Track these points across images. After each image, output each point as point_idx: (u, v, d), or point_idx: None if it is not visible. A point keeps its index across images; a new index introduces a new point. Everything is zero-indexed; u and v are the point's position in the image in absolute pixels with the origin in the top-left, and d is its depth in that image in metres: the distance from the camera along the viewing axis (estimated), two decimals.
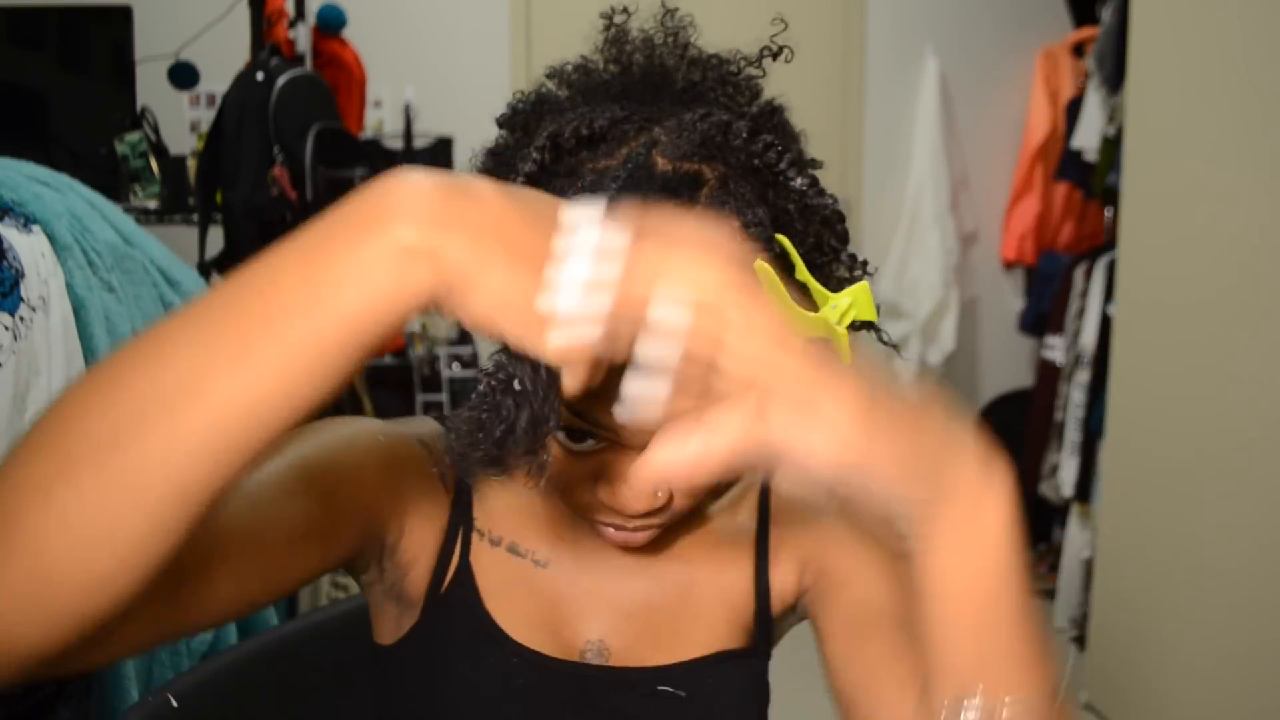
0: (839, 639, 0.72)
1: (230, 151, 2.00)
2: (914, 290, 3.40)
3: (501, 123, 0.66)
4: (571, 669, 0.71)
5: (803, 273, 0.58)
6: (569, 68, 0.67)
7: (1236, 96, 2.09)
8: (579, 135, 0.59)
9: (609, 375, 0.46)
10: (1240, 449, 2.07)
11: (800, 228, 0.60)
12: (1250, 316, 2.05)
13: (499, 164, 0.64)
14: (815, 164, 0.65)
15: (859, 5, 3.43)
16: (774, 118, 0.66)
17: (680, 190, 0.56)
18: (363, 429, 0.68)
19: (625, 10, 0.67)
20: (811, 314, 0.57)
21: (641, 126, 0.60)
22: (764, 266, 0.53)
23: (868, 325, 0.60)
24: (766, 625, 0.74)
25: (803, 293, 0.58)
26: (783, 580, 0.74)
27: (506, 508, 0.74)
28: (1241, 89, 2.07)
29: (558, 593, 0.73)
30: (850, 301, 0.57)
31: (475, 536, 0.72)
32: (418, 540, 0.70)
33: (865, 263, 0.63)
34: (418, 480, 0.70)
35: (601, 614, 0.73)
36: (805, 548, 0.75)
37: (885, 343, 0.63)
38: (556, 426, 0.48)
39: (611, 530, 0.66)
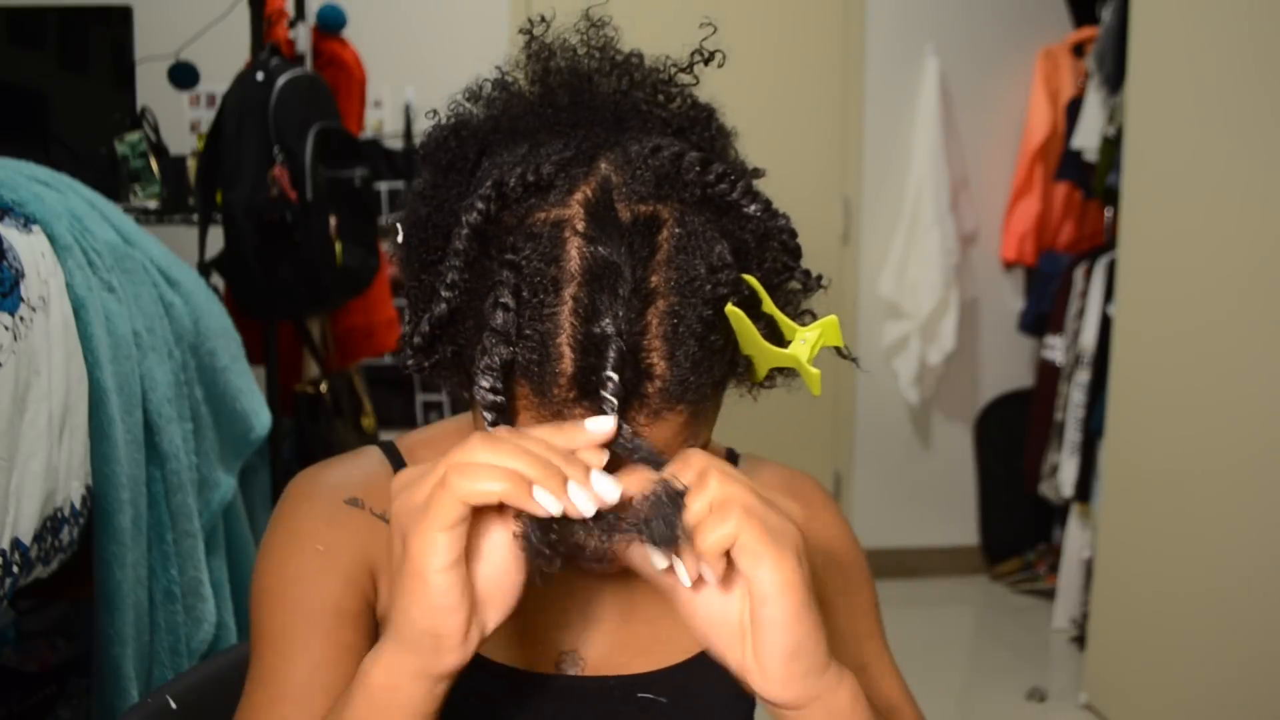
0: None
1: (230, 151, 2.00)
2: (914, 290, 3.40)
3: (423, 157, 0.64)
4: (549, 682, 0.70)
5: (769, 306, 0.58)
6: (487, 86, 0.65)
7: (1236, 96, 2.09)
8: (525, 182, 0.57)
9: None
10: (1240, 449, 2.07)
11: (758, 253, 0.60)
12: (1250, 316, 2.05)
13: (435, 210, 0.62)
14: (758, 173, 0.65)
15: (859, 5, 3.42)
16: (709, 123, 0.64)
17: (641, 238, 0.55)
18: (301, 552, 0.69)
19: (544, 20, 0.66)
20: (780, 350, 0.58)
21: (589, 166, 0.58)
22: (734, 311, 0.55)
23: (837, 350, 0.62)
24: None
25: (770, 326, 0.59)
26: None
27: None
28: (1242, 89, 2.07)
29: (529, 603, 0.72)
30: (819, 334, 0.58)
31: None
32: (389, 581, 0.70)
33: (819, 277, 0.63)
34: (367, 539, 0.70)
35: (574, 624, 0.73)
36: None
37: (845, 356, 0.63)
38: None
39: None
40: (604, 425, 0.54)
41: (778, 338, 0.59)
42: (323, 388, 2.34)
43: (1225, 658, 2.11)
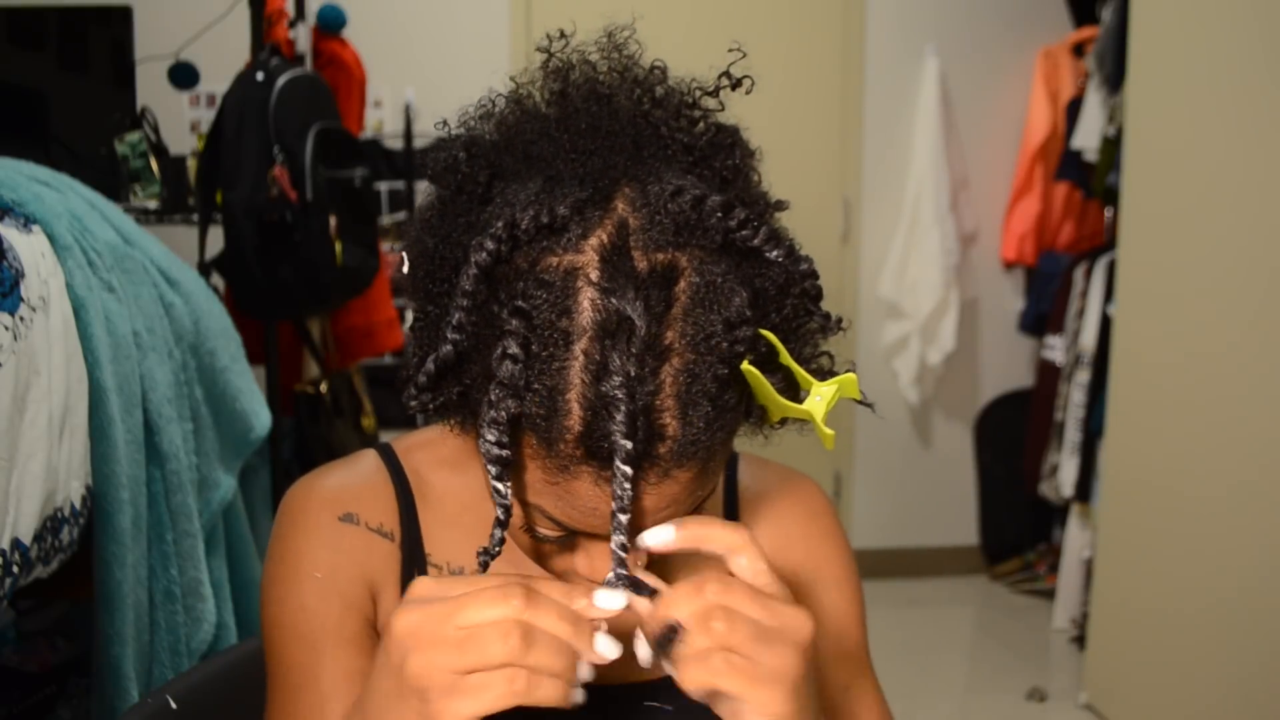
0: None
1: (230, 151, 2.00)
2: (914, 290, 3.40)
3: (432, 176, 0.62)
4: None
5: (786, 359, 0.56)
6: (500, 102, 0.62)
7: (1237, 96, 2.09)
8: (539, 224, 0.54)
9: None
10: (1240, 449, 2.07)
11: (778, 300, 0.58)
12: (1250, 316, 2.05)
13: (442, 242, 0.59)
14: (781, 205, 0.63)
15: (859, 5, 3.42)
16: (733, 150, 0.62)
17: (657, 290, 0.53)
18: (299, 581, 0.70)
19: (563, 35, 0.63)
20: (795, 405, 0.57)
21: (606, 207, 0.55)
22: (750, 370, 0.54)
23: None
24: None
25: (787, 377, 0.58)
26: None
27: (463, 536, 0.73)
28: (1242, 89, 2.07)
29: None
30: (835, 390, 0.57)
31: (433, 571, 0.72)
32: (389, 598, 0.71)
33: (839, 320, 0.61)
34: (363, 557, 0.71)
35: None
36: (768, 545, 0.76)
37: (862, 403, 0.61)
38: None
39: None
40: (615, 603, 0.54)
41: (794, 388, 0.58)
42: (323, 388, 2.34)
43: (1225, 657, 2.11)
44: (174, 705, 0.77)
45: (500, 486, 0.55)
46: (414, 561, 0.72)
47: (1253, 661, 2.03)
